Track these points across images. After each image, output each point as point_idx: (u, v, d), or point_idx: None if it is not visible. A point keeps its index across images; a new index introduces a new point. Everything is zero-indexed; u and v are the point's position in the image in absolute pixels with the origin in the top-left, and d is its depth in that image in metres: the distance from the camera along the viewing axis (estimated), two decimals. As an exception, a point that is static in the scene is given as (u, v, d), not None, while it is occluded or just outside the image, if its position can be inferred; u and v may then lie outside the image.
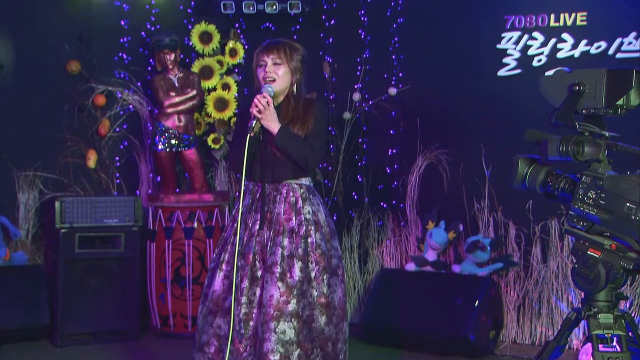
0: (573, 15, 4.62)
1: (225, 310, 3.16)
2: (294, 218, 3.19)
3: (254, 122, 3.11)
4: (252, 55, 3.31)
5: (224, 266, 3.22)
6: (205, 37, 5.43)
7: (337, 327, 3.18)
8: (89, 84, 5.31)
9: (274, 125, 3.14)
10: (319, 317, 3.14)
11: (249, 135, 3.11)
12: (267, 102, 3.11)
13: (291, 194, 3.22)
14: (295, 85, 3.25)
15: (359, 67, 5.38)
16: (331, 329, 3.16)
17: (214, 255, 3.33)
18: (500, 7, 4.87)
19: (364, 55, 5.38)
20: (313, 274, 3.16)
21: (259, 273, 3.17)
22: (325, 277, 3.17)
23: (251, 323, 3.13)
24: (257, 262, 3.17)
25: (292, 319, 3.09)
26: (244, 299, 3.14)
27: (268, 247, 3.17)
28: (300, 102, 3.24)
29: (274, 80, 3.20)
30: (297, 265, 3.14)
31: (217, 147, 5.49)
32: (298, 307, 3.10)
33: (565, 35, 4.65)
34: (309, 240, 3.18)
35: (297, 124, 3.19)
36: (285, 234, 3.17)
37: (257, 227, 3.21)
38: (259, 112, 3.10)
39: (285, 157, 3.19)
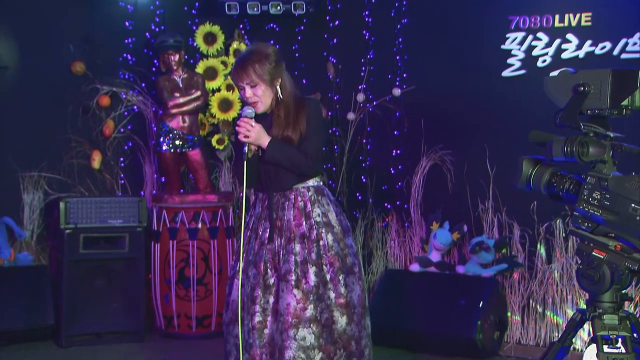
0: (578, 15, 4.62)
1: (242, 319, 3.17)
2: (304, 223, 3.18)
3: (246, 147, 3.11)
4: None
5: (240, 274, 3.24)
6: (210, 38, 5.43)
7: (359, 325, 3.19)
8: (93, 85, 5.32)
9: (263, 141, 3.12)
10: (339, 318, 3.14)
11: (245, 161, 3.10)
12: (248, 123, 3.10)
13: (299, 198, 3.21)
14: (279, 92, 3.19)
15: (363, 68, 5.39)
16: (353, 328, 3.16)
17: (232, 262, 3.37)
18: (505, 7, 4.87)
19: (368, 56, 5.38)
20: (328, 276, 3.15)
21: (271, 281, 3.17)
22: (341, 277, 3.16)
23: (266, 331, 3.14)
24: (268, 270, 3.18)
25: (311, 325, 3.10)
26: (257, 308, 3.15)
27: (280, 255, 3.17)
28: (291, 104, 3.19)
29: (257, 102, 3.16)
30: (312, 270, 3.14)
31: (221, 147, 5.50)
32: (315, 312, 3.11)
33: (569, 36, 4.65)
34: (321, 243, 3.17)
35: (290, 128, 3.16)
36: (296, 240, 3.16)
37: (267, 235, 3.21)
38: (246, 137, 3.09)
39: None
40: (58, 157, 5.24)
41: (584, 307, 2.50)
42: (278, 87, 3.18)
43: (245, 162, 3.10)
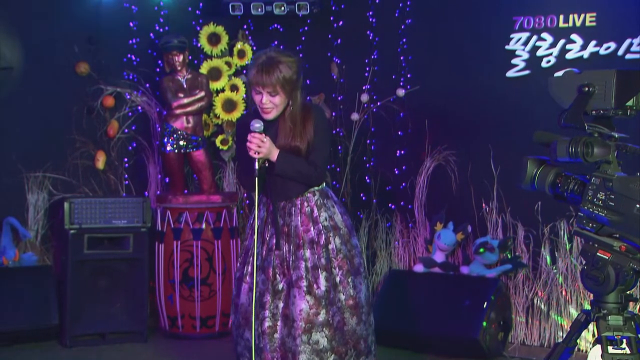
0: (582, 16, 4.61)
1: (252, 323, 3.18)
2: (312, 228, 3.19)
3: (256, 163, 3.09)
4: (250, 67, 3.19)
5: (247, 278, 3.24)
6: (214, 39, 5.44)
7: (366, 323, 3.22)
8: (97, 86, 5.33)
9: (273, 154, 3.11)
10: (349, 320, 3.17)
11: (256, 178, 3.08)
12: (260, 139, 3.07)
13: (305, 204, 3.22)
14: (291, 106, 3.17)
15: (367, 69, 5.38)
16: (362, 327, 3.20)
17: (238, 264, 3.36)
18: (509, 8, 4.86)
19: (372, 57, 5.38)
20: (338, 279, 3.18)
21: (280, 286, 3.18)
22: (350, 279, 3.19)
23: (276, 335, 3.16)
24: (277, 276, 3.19)
25: (324, 329, 3.13)
26: (267, 313, 3.16)
27: (290, 261, 3.18)
28: (298, 114, 3.18)
29: (272, 109, 3.13)
30: (322, 275, 3.15)
31: (225, 148, 5.50)
32: (328, 316, 3.14)
33: (574, 36, 4.64)
34: (330, 247, 3.19)
35: (297, 138, 3.16)
36: (305, 245, 3.17)
37: (275, 241, 3.21)
38: (257, 152, 3.07)
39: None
40: (62, 158, 5.25)
41: (589, 307, 2.50)
42: (292, 99, 3.16)
43: (256, 179, 3.09)
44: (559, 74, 2.68)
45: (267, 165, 3.15)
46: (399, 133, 5.30)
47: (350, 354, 3.17)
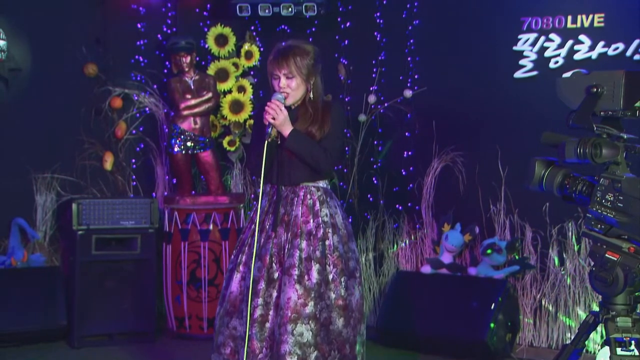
0: (590, 16, 4.59)
1: (242, 312, 3.17)
2: (311, 220, 3.20)
3: (270, 129, 3.13)
4: (268, 57, 3.29)
5: (241, 268, 3.24)
6: (221, 40, 5.45)
7: (354, 329, 3.18)
8: (105, 87, 5.34)
9: (286, 128, 3.15)
10: (336, 320, 3.14)
11: (266, 141, 3.11)
12: (279, 107, 3.12)
13: (308, 196, 3.22)
14: (311, 91, 3.24)
15: (375, 69, 5.38)
16: (349, 332, 3.16)
17: (232, 256, 3.35)
18: (517, 8, 4.85)
19: (380, 58, 5.38)
20: (331, 277, 3.16)
21: (276, 275, 3.18)
22: (342, 279, 3.17)
23: (267, 324, 3.14)
24: (273, 264, 3.18)
25: (310, 321, 3.10)
26: (260, 301, 3.14)
27: (286, 250, 3.18)
28: (318, 104, 3.24)
29: (289, 93, 3.19)
30: (315, 267, 3.14)
31: (232, 149, 5.51)
32: (315, 309, 3.11)
33: (582, 37, 4.62)
34: (327, 242, 3.19)
35: (315, 126, 3.20)
36: (303, 236, 3.17)
37: (272, 227, 3.22)
38: (273, 118, 3.12)
39: (299, 159, 3.20)
40: (71, 159, 5.26)
41: (597, 309, 2.49)
42: (310, 85, 3.22)
43: (265, 143, 3.11)
44: (567, 74, 2.67)
45: (278, 142, 3.17)
46: (406, 134, 5.30)
47: (334, 355, 3.13)
